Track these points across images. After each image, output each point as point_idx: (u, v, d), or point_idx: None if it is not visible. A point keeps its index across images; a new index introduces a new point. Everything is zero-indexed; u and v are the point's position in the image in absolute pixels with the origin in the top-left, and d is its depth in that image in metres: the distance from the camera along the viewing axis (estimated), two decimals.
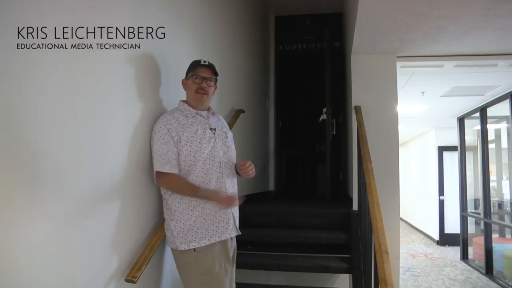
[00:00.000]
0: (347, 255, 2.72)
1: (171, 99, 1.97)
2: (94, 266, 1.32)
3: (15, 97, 0.98)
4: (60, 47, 1.13)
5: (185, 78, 1.80)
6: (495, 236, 5.61)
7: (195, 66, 1.77)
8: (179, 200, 1.64)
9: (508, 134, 5.36)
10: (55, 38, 1.12)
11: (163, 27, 1.87)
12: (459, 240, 6.76)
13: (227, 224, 1.70)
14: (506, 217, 5.80)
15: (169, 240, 1.68)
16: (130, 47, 1.55)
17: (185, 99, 1.81)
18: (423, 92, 5.02)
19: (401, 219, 10.57)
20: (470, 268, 6.05)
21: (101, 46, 1.34)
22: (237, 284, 1.91)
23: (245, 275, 1.94)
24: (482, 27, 2.67)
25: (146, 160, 1.69)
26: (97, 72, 1.33)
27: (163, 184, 1.66)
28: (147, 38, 1.70)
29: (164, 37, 1.87)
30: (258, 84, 4.37)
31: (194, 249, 1.62)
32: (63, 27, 1.15)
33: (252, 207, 3.15)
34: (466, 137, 6.69)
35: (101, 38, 1.34)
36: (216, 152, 1.72)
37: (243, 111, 3.20)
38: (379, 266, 1.69)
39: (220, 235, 1.68)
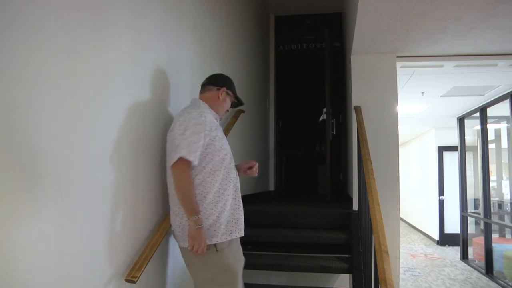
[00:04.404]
0: (347, 255, 2.72)
1: (170, 98, 1.97)
2: (93, 266, 1.31)
3: (14, 96, 0.98)
4: (60, 47, 1.13)
5: (225, 90, 1.87)
6: (495, 236, 5.61)
7: (234, 88, 1.95)
8: (204, 195, 1.64)
9: (508, 134, 5.36)
10: (55, 38, 1.11)
11: (163, 27, 1.87)
12: (459, 240, 6.76)
13: (242, 222, 1.76)
14: (506, 217, 5.80)
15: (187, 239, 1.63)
16: (130, 46, 1.55)
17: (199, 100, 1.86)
18: (423, 92, 5.02)
19: (401, 219, 10.58)
20: (470, 268, 6.05)
21: (100, 45, 1.34)
22: None
23: (245, 275, 1.95)
24: (482, 27, 2.67)
25: (147, 160, 1.69)
26: (97, 72, 1.32)
27: (177, 171, 1.58)
28: (146, 37, 1.70)
29: (164, 36, 1.87)
30: (258, 84, 4.37)
31: (216, 246, 1.63)
32: (63, 27, 1.15)
33: (252, 207, 3.15)
34: (466, 137, 6.69)
35: (100, 37, 1.34)
36: (231, 154, 1.82)
37: (243, 111, 3.20)
38: (379, 266, 1.69)
39: (239, 232, 1.72)
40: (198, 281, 1.69)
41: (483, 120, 5.70)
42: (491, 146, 5.93)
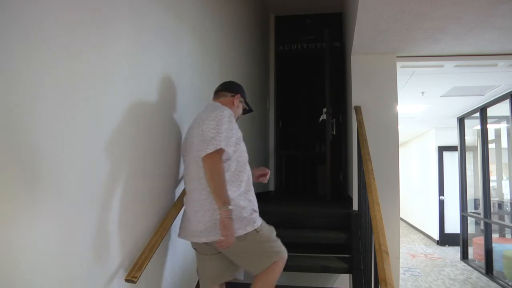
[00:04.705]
0: (347, 255, 2.72)
1: (170, 98, 1.97)
2: (93, 266, 1.31)
3: (14, 96, 0.98)
4: (60, 47, 1.13)
5: (239, 97, 1.95)
6: (495, 236, 5.61)
7: (246, 96, 2.02)
8: (231, 192, 1.66)
9: (508, 134, 5.36)
10: (55, 38, 1.11)
11: (163, 27, 1.87)
12: (459, 240, 6.77)
13: None
14: (506, 217, 5.80)
15: (239, 227, 1.65)
16: (130, 46, 1.55)
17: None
18: (423, 92, 5.02)
19: (401, 219, 10.58)
20: (470, 268, 6.06)
21: (100, 45, 1.34)
22: (236, 284, 1.91)
23: (244, 275, 1.96)
24: (482, 27, 2.67)
25: (147, 160, 1.69)
26: (97, 72, 1.32)
27: (211, 161, 1.59)
28: (146, 37, 1.70)
29: (164, 36, 1.87)
30: (258, 84, 4.37)
31: (255, 230, 1.70)
32: (63, 27, 1.15)
33: None
34: (466, 137, 6.69)
35: (100, 37, 1.34)
36: None
37: None
38: (379, 266, 1.69)
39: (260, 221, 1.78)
40: (245, 261, 1.75)
41: (483, 120, 5.70)
42: (491, 146, 5.93)
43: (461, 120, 6.66)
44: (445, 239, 7.88)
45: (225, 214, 1.57)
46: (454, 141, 6.97)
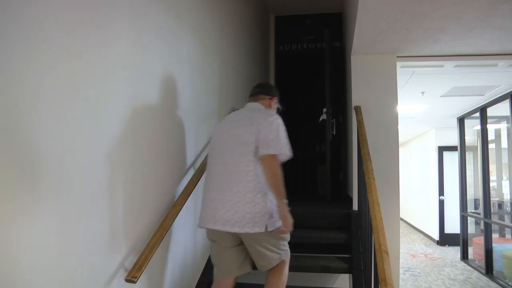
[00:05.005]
0: (347, 255, 2.72)
1: (170, 98, 1.97)
2: (93, 266, 1.31)
3: (14, 96, 0.98)
4: (60, 47, 1.13)
5: (274, 99, 2.12)
6: (495, 236, 5.61)
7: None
8: (266, 191, 1.77)
9: (508, 134, 5.36)
10: (55, 38, 1.11)
11: (163, 27, 1.87)
12: (459, 240, 6.77)
13: None
14: (506, 217, 5.80)
15: (269, 223, 1.74)
16: (130, 46, 1.55)
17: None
18: (423, 92, 5.02)
19: (401, 219, 10.58)
20: (470, 268, 6.06)
21: (100, 45, 1.34)
22: (236, 284, 1.91)
23: (245, 276, 1.97)
24: (482, 27, 2.68)
25: (147, 160, 1.69)
26: (97, 72, 1.32)
27: (273, 161, 1.74)
28: (146, 37, 1.70)
29: (164, 36, 1.87)
30: None
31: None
32: (63, 27, 1.15)
33: None
34: (466, 137, 6.69)
35: (100, 37, 1.34)
36: None
37: None
38: (379, 266, 1.69)
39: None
40: (260, 254, 1.81)
41: (483, 120, 5.71)
42: (491, 146, 5.93)
43: (461, 120, 6.66)
44: (445, 239, 7.88)
45: (283, 207, 1.75)
46: (454, 141, 6.97)
